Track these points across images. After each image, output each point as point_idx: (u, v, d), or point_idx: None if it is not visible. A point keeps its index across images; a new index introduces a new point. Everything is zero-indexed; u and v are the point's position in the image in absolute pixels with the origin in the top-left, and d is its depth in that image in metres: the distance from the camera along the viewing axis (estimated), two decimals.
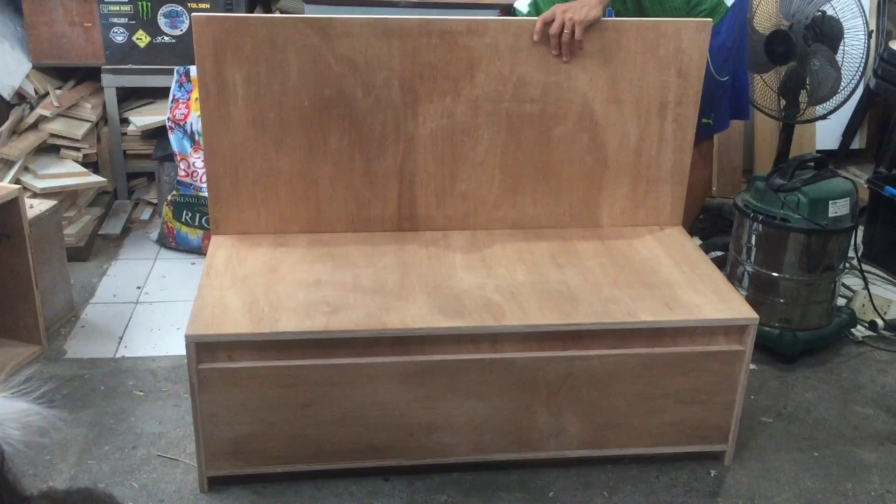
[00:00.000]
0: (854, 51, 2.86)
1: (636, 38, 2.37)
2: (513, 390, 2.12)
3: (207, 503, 2.10)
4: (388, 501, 2.12)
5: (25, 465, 2.17)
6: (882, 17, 4.15)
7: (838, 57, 2.85)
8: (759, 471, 2.29)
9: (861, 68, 2.85)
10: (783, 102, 3.02)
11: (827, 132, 4.21)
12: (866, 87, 4.01)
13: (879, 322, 2.94)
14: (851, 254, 2.88)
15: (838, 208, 2.62)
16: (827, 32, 2.83)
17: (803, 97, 2.98)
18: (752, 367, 2.67)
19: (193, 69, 3.20)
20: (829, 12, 2.84)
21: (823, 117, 3.02)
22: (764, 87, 3.08)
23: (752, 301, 2.65)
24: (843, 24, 2.84)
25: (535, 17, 2.34)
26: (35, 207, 2.70)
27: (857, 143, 4.36)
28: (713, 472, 2.27)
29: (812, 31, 2.82)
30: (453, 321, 2.07)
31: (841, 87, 2.85)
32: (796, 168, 2.68)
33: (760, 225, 2.67)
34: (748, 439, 2.38)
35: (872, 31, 3.37)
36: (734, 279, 2.80)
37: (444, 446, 2.17)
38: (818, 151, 4.20)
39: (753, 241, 2.71)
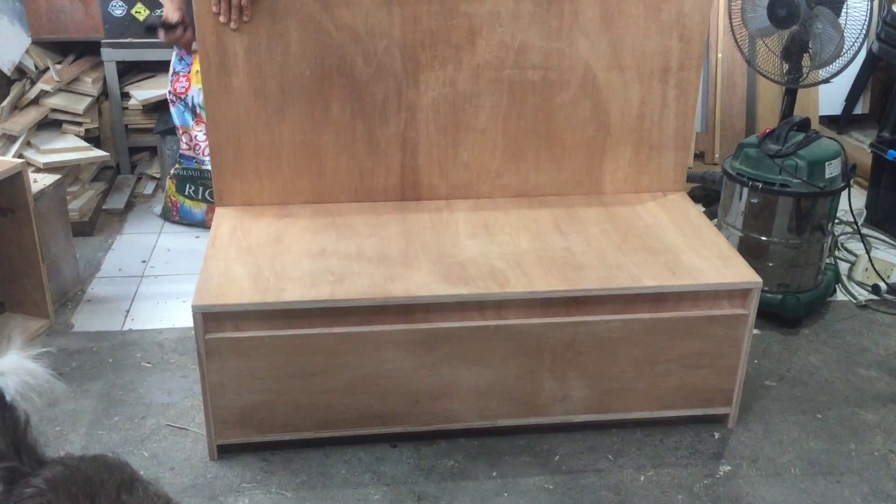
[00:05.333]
0: (857, 13, 2.84)
1: (638, 2, 2.36)
2: (518, 356, 2.14)
3: (217, 470, 2.13)
4: (395, 467, 2.15)
5: (36, 435, 2.20)
6: None
7: (841, 20, 2.83)
8: (763, 433, 2.31)
9: (864, 31, 2.83)
10: (786, 66, 3.01)
11: (830, 97, 4.20)
12: (869, 52, 3.99)
13: (882, 286, 2.95)
14: (850, 218, 2.90)
15: (832, 169, 2.64)
16: None
17: (806, 61, 2.96)
18: (755, 332, 2.68)
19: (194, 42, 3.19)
20: None
21: (826, 81, 3.00)
22: (767, 51, 3.06)
23: None
24: None
25: None
26: (39, 182, 2.71)
27: (860, 108, 4.34)
28: (717, 435, 2.29)
29: None
30: (458, 288, 2.08)
31: (844, 51, 2.83)
32: (789, 132, 2.68)
33: (760, 192, 2.67)
34: (752, 402, 2.40)
35: None
36: None
37: (451, 412, 2.19)
38: (822, 116, 4.19)
39: (748, 208, 2.71)
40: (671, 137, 2.54)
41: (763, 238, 2.72)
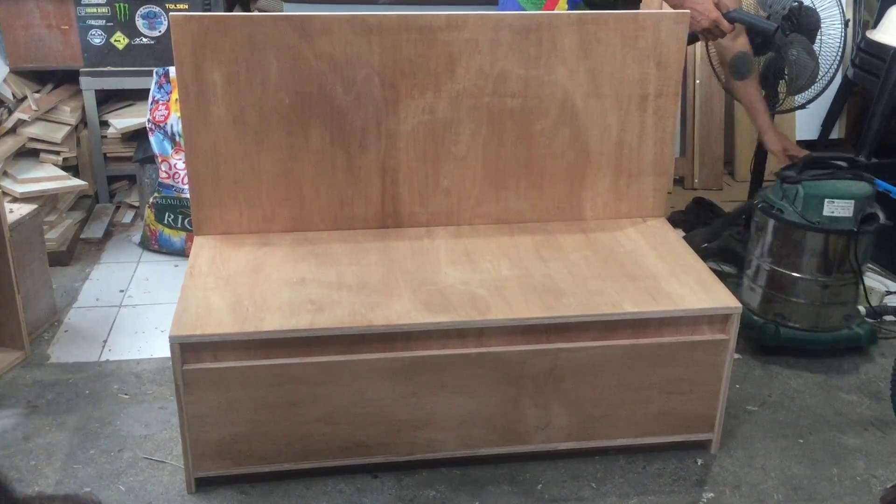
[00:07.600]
0: (831, 40, 2.88)
1: (615, 30, 2.38)
2: (499, 384, 2.13)
3: None
4: (376, 498, 2.12)
5: (10, 471, 2.16)
6: (859, 7, 4.19)
7: (816, 46, 2.87)
8: (745, 458, 2.30)
9: (838, 57, 2.88)
10: (762, 92, 3.04)
11: (806, 122, 4.24)
12: (844, 77, 4.04)
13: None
14: None
15: (835, 208, 2.54)
16: (804, 22, 2.85)
17: (782, 87, 3.00)
18: (736, 356, 2.68)
19: (173, 70, 3.19)
20: (806, 2, 2.86)
21: (802, 106, 3.04)
22: None
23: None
24: (820, 13, 2.86)
25: (518, 12, 2.34)
26: (15, 212, 2.68)
27: (836, 133, 4.38)
28: (700, 461, 2.29)
29: (790, 21, 2.84)
30: (439, 316, 2.07)
31: (819, 77, 2.87)
32: (810, 163, 2.62)
33: (760, 212, 2.67)
34: (734, 428, 2.40)
35: (849, 20, 3.40)
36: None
37: (432, 442, 2.17)
38: (798, 141, 4.23)
39: (753, 229, 2.72)
40: (650, 163, 2.55)
41: (753, 259, 2.71)
